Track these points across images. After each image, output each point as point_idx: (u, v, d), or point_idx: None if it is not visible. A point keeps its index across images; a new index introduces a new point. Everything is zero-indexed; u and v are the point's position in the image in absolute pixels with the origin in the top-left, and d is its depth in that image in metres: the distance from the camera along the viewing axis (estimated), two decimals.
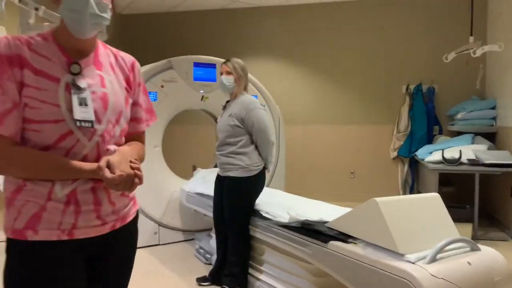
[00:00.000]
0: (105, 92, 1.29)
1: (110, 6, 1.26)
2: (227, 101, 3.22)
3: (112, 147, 1.30)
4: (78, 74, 1.24)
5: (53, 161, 1.20)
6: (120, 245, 1.39)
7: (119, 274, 1.42)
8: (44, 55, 1.21)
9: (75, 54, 1.26)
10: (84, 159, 1.24)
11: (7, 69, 1.16)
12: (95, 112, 1.25)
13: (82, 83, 1.23)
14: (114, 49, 1.40)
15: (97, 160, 1.25)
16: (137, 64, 1.45)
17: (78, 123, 1.20)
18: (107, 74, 1.32)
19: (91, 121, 1.23)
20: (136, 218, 1.46)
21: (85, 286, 1.31)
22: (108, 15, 1.24)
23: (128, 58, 1.43)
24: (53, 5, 1.23)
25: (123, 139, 1.39)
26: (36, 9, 3.36)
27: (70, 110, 1.20)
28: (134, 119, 1.44)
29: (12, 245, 1.23)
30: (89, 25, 1.21)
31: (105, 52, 1.35)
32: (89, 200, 1.25)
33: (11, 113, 1.17)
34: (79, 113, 1.20)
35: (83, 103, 1.21)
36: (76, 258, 1.27)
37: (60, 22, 1.25)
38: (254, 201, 3.04)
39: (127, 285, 1.47)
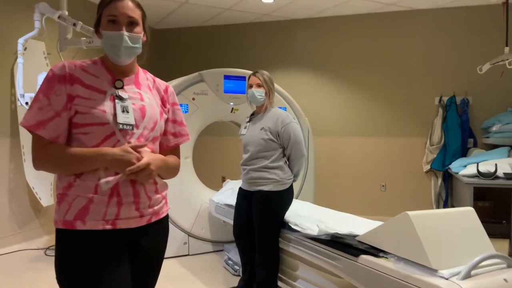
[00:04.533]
0: (143, 104, 1.53)
1: (141, 35, 1.51)
2: (252, 114, 3.23)
3: (145, 148, 1.50)
4: (121, 88, 1.50)
5: (76, 152, 1.40)
6: (154, 238, 1.57)
7: (152, 266, 1.59)
8: (93, 74, 1.48)
9: (119, 74, 1.53)
10: None
11: (55, 85, 1.42)
12: (134, 119, 1.48)
13: (124, 94, 1.49)
14: (152, 75, 1.66)
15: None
16: (171, 88, 1.70)
17: (120, 126, 1.44)
18: (145, 92, 1.57)
19: (131, 125, 1.46)
20: (167, 217, 1.66)
21: (128, 271, 1.48)
22: (139, 44, 1.50)
23: (163, 82, 1.69)
24: (98, 38, 1.52)
25: (156, 145, 1.59)
26: (74, 24, 3.51)
27: (114, 116, 1.43)
28: (173, 134, 1.67)
29: (62, 235, 1.42)
30: (124, 55, 1.48)
31: (144, 76, 1.62)
32: (129, 192, 1.45)
33: (53, 120, 1.41)
34: (122, 118, 1.44)
35: (125, 110, 1.45)
36: (119, 246, 1.45)
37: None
38: (285, 213, 3.03)
39: (157, 278, 1.64)
